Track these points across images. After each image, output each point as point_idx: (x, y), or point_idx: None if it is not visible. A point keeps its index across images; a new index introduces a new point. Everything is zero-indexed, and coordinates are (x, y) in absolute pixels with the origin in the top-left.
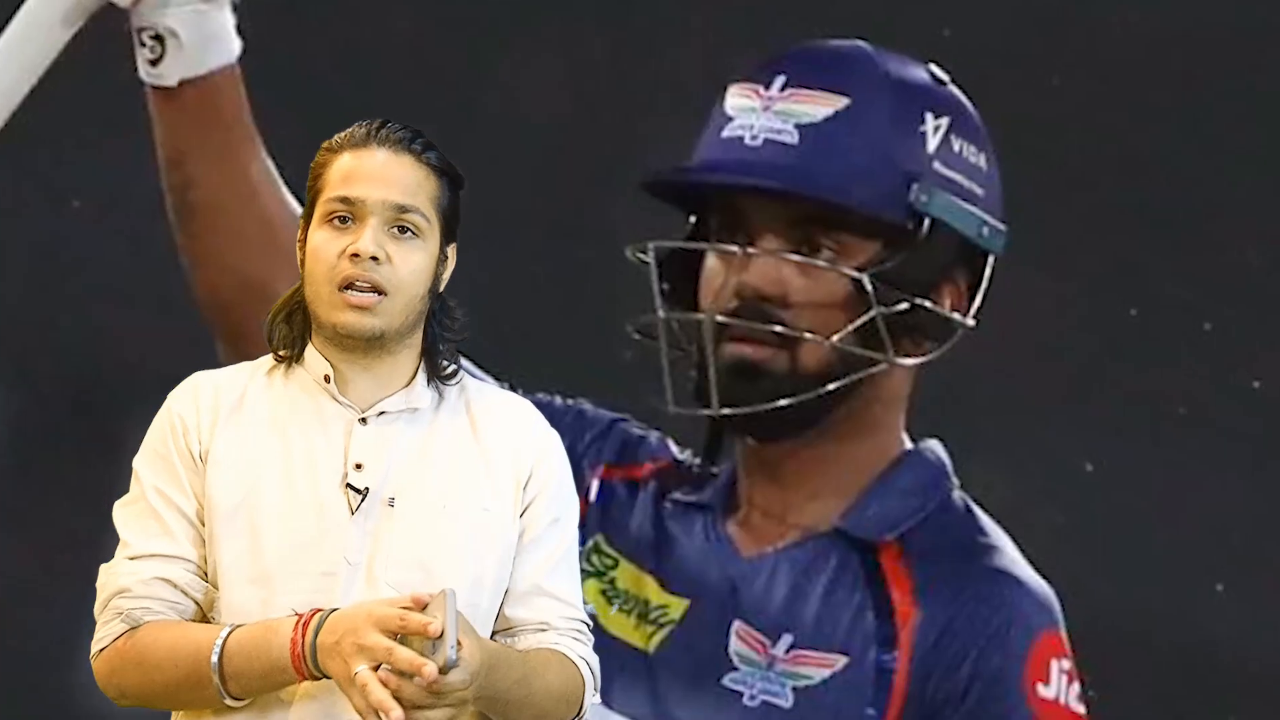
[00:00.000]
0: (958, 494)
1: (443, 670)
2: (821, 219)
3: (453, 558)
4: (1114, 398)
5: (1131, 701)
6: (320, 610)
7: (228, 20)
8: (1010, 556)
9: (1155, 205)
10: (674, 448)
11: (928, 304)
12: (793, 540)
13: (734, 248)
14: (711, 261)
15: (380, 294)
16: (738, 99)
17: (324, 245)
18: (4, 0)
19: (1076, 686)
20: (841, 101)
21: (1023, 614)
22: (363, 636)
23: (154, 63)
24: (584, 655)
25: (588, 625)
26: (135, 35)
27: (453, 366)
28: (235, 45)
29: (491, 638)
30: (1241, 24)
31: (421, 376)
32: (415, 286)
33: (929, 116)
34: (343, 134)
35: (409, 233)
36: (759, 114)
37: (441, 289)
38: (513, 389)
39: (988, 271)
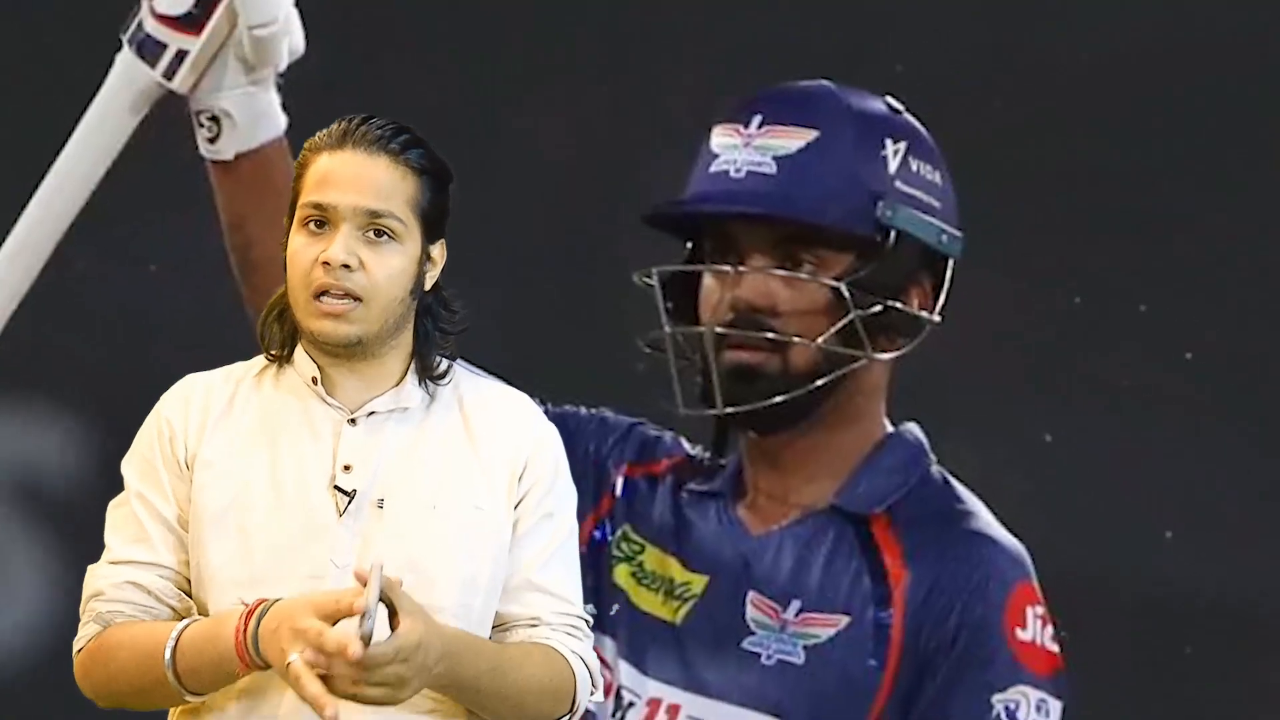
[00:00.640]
0: (935, 468)
1: (364, 640)
2: (801, 237)
3: (444, 558)
4: (1066, 376)
5: (1098, 638)
6: (265, 600)
7: (274, 99)
8: (985, 520)
9: (1092, 207)
10: (686, 445)
11: (898, 305)
12: (794, 518)
13: (727, 267)
14: (708, 281)
15: (355, 300)
16: (721, 137)
17: (300, 251)
18: (82, 91)
19: (1050, 629)
20: (811, 134)
21: (999, 569)
22: (298, 620)
23: (212, 140)
24: (578, 651)
25: (585, 622)
26: (194, 117)
27: (444, 366)
28: (281, 120)
29: (490, 636)
30: (1155, 48)
31: (412, 376)
32: (393, 290)
33: (888, 142)
34: (324, 131)
35: (384, 236)
36: (740, 149)
37: (428, 288)
38: (542, 403)
39: (948, 273)
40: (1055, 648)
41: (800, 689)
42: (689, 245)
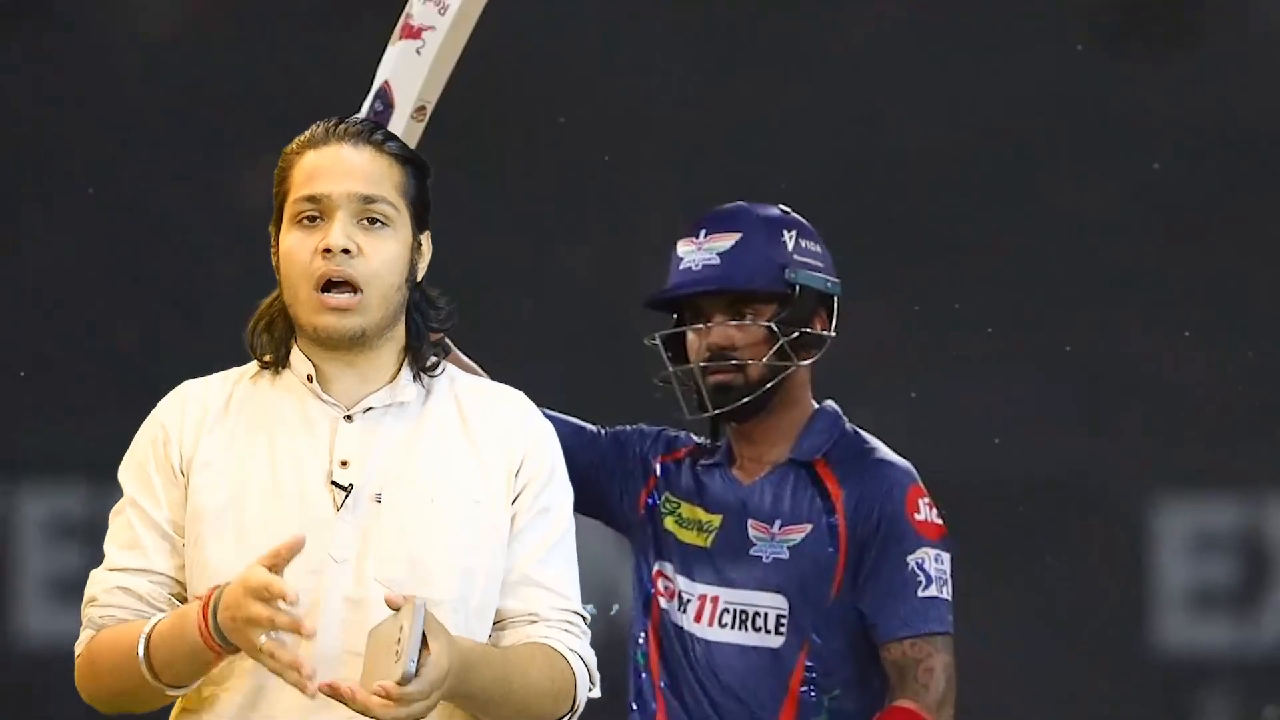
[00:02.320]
0: (849, 425)
1: (401, 681)
2: (742, 299)
3: (442, 552)
4: (917, 354)
5: (965, 514)
6: (215, 590)
7: None
8: (884, 452)
9: (920, 247)
10: (695, 437)
11: (809, 330)
12: (768, 471)
13: (700, 325)
14: (690, 336)
15: (357, 291)
16: (683, 246)
17: (296, 246)
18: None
19: (935, 510)
20: (738, 235)
21: (898, 479)
22: (246, 609)
23: None
24: (576, 649)
25: (583, 619)
26: None
27: (434, 359)
28: None
29: (489, 632)
30: (958, 140)
31: (406, 371)
32: (391, 276)
33: (785, 232)
34: (302, 135)
35: (378, 223)
36: (696, 252)
37: (419, 278)
38: (600, 426)
39: (835, 305)
40: (941, 522)
41: (790, 573)
42: (674, 316)
